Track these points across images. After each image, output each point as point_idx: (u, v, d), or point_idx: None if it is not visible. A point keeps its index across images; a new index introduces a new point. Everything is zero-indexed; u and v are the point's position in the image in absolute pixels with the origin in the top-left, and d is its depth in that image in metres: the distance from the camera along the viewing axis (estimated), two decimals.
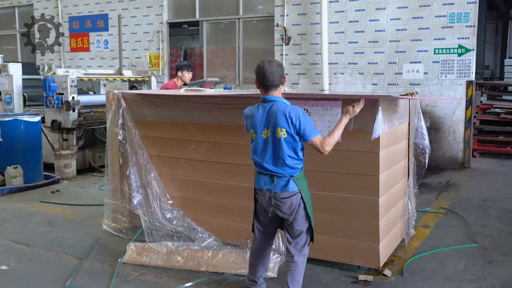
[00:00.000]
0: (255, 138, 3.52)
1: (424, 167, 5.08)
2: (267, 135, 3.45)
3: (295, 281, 3.51)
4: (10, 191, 7.06)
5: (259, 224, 3.71)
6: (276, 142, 3.42)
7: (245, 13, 10.88)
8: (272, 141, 3.44)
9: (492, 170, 8.79)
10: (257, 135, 3.50)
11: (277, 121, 3.39)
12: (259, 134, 3.48)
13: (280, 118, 3.38)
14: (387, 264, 4.40)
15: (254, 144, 3.54)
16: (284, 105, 3.45)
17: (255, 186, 3.61)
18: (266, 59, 3.50)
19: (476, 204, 6.48)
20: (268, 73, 3.42)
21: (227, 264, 4.30)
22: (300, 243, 3.57)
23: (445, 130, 8.85)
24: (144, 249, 4.57)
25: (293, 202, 3.48)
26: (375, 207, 4.11)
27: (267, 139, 3.45)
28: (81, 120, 8.42)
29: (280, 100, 3.48)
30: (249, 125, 3.57)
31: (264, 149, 3.48)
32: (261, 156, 3.50)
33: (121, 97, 5.12)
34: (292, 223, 3.53)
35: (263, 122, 3.46)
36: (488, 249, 4.84)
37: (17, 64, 9.28)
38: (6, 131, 7.26)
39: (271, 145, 3.44)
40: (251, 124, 3.54)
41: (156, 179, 4.98)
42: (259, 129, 3.48)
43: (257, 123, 3.48)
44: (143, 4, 11.82)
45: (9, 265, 4.50)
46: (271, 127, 3.43)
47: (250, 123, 3.56)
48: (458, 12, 8.51)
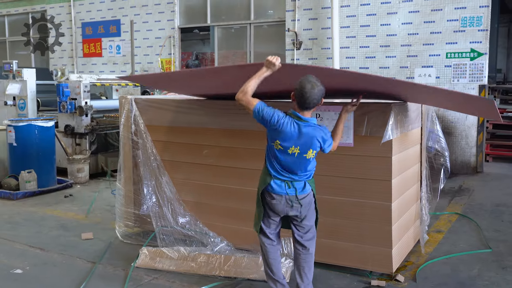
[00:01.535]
0: (278, 148, 3.53)
1: (447, 170, 5.01)
2: (294, 152, 3.51)
3: (311, 271, 3.77)
4: (24, 195, 7.13)
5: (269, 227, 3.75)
6: (302, 159, 3.55)
7: (256, 18, 10.92)
8: (298, 157, 3.53)
9: (505, 174, 8.71)
10: (282, 148, 3.52)
11: (312, 145, 3.53)
12: (286, 148, 3.51)
13: (314, 142, 3.53)
14: (400, 269, 4.38)
15: (276, 153, 3.55)
16: (318, 128, 3.55)
17: (269, 190, 3.61)
18: (309, 79, 3.43)
19: (489, 209, 6.43)
20: (308, 95, 3.41)
21: (239, 268, 4.31)
22: (311, 235, 3.76)
23: (458, 135, 8.79)
24: (156, 254, 4.59)
25: (308, 201, 3.68)
26: (387, 212, 4.10)
27: (293, 154, 3.52)
28: (94, 125, 8.49)
29: (312, 121, 3.55)
30: (275, 134, 3.52)
31: (286, 161, 3.54)
32: (283, 165, 3.56)
33: (133, 102, 5.17)
34: (304, 219, 3.69)
35: (294, 140, 3.49)
36: (502, 254, 4.80)
37: (31, 69, 9.39)
38: (20, 136, 7.34)
39: (296, 160, 3.54)
40: (278, 134, 3.51)
41: (168, 184, 5.00)
42: (287, 144, 3.50)
43: (286, 138, 3.49)
44: (155, 9, 11.91)
45: (24, 268, 4.55)
46: (302, 147, 3.50)
47: (278, 133, 3.50)
48: (471, 16, 8.47)
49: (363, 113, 4.09)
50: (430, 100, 4.63)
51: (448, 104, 4.99)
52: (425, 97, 4.49)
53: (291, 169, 3.57)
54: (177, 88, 5.42)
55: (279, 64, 3.49)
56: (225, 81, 4.23)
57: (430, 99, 4.54)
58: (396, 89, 4.02)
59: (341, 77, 4.08)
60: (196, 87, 4.78)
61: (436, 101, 4.71)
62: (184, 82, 4.75)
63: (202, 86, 4.68)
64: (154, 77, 5.62)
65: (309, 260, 3.75)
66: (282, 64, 3.52)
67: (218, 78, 4.37)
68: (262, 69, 3.49)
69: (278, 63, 3.48)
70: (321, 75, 3.53)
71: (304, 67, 3.97)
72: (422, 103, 4.77)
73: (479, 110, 5.11)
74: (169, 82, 5.35)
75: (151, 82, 6.11)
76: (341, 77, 4.08)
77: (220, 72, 4.37)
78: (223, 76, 4.27)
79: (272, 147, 3.57)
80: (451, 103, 4.81)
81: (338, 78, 4.03)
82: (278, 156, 3.54)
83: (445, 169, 5.03)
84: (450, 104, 4.94)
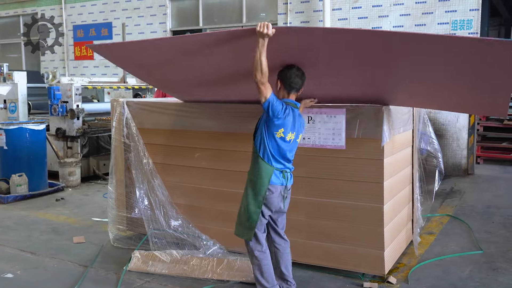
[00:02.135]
0: (280, 136, 3.56)
1: (441, 172, 5.05)
2: (291, 138, 3.62)
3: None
4: (15, 199, 7.08)
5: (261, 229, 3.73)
6: (294, 145, 3.69)
7: (248, 21, 10.94)
8: (293, 143, 3.66)
9: (496, 176, 8.78)
10: (284, 135, 3.57)
11: (301, 128, 3.71)
12: (285, 135, 3.58)
13: (303, 126, 3.74)
14: (392, 271, 4.39)
15: (277, 142, 3.57)
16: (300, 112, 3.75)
17: (278, 183, 3.62)
18: (290, 64, 3.59)
19: (480, 211, 6.47)
20: (296, 73, 3.58)
21: (232, 271, 4.31)
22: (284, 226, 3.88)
23: (449, 137, 8.85)
24: (149, 257, 4.58)
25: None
26: (379, 214, 4.11)
27: (289, 141, 3.61)
28: (86, 128, 8.46)
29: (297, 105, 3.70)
30: (280, 124, 3.53)
31: (284, 149, 3.62)
32: (282, 154, 3.62)
33: (125, 105, 5.15)
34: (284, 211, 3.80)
35: (291, 126, 3.59)
36: (493, 256, 4.83)
37: (22, 72, 9.32)
38: (11, 139, 7.30)
39: (291, 147, 3.66)
40: (282, 124, 3.54)
41: (160, 187, 4.99)
42: (287, 130, 3.58)
43: (289, 126, 3.58)
44: (147, 12, 11.90)
45: (15, 273, 4.51)
46: (295, 132, 3.63)
47: (282, 122, 3.54)
48: (461, 19, 8.54)
49: (354, 116, 4.11)
50: (416, 101, 4.44)
51: (440, 100, 4.38)
52: (413, 99, 4.34)
53: (286, 157, 3.64)
54: (158, 76, 4.61)
55: (272, 31, 3.21)
56: (214, 64, 3.93)
57: (415, 100, 4.37)
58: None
59: (345, 35, 3.43)
60: (181, 72, 4.26)
61: (421, 101, 4.44)
62: (165, 63, 4.13)
63: (187, 72, 4.20)
64: (124, 47, 4.39)
65: (289, 251, 3.85)
66: (275, 29, 3.23)
67: (206, 58, 3.87)
68: (259, 41, 3.24)
69: (271, 31, 3.20)
70: (318, 40, 3.41)
71: (297, 29, 3.53)
72: (409, 105, 4.66)
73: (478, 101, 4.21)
74: (146, 64, 4.36)
75: (121, 60, 4.54)
76: (345, 35, 3.43)
77: (207, 42, 3.64)
78: (211, 56, 3.81)
79: (273, 136, 3.56)
80: (439, 98, 4.26)
81: (343, 35, 3.42)
82: (279, 145, 3.58)
83: (439, 171, 5.06)
84: (440, 99, 4.30)
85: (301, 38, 3.41)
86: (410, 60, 3.44)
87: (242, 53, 3.57)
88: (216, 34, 3.51)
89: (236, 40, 3.50)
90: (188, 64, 4.05)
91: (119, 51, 4.40)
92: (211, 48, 3.66)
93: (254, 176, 3.66)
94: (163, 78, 4.62)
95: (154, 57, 4.10)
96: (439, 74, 3.60)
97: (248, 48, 3.39)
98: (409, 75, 3.72)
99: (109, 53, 4.47)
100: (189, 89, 4.70)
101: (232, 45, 3.54)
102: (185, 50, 3.83)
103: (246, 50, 3.45)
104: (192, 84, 4.53)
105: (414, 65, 3.50)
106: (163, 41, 4.37)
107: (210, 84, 4.37)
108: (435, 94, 4.09)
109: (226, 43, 3.53)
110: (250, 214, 3.65)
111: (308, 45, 3.44)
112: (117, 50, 4.42)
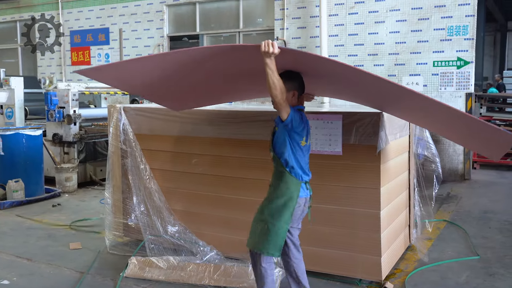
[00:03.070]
0: (303, 145, 3.49)
1: (439, 177, 5.06)
2: (308, 144, 3.56)
3: None
4: (11, 204, 7.06)
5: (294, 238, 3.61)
6: (309, 149, 3.60)
7: (245, 27, 10.97)
8: (309, 148, 3.59)
9: (492, 182, 8.80)
10: (306, 143, 3.52)
11: (310, 130, 3.61)
12: (306, 142, 3.53)
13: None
14: (389, 277, 4.39)
15: (301, 151, 3.48)
16: None
17: (304, 195, 3.51)
18: (293, 71, 3.53)
19: (477, 216, 6.49)
20: (302, 78, 3.54)
21: (229, 278, 4.30)
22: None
23: (445, 142, 8.87)
24: (145, 263, 4.57)
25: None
26: (376, 220, 4.11)
27: (308, 147, 3.56)
28: (82, 134, 8.45)
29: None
30: (303, 133, 3.48)
31: (306, 156, 3.55)
32: (306, 162, 3.55)
33: (122, 111, 5.16)
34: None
35: (306, 131, 3.53)
36: (489, 261, 4.84)
37: (18, 78, 9.33)
38: (7, 145, 7.28)
39: (308, 152, 3.58)
40: (303, 132, 3.48)
41: (157, 192, 4.99)
42: (307, 137, 3.54)
43: (307, 131, 3.53)
44: (144, 18, 11.91)
45: (11, 279, 4.49)
46: (309, 135, 3.58)
47: (303, 131, 3.48)
48: (457, 25, 8.58)
49: (351, 122, 4.12)
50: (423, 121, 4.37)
51: (446, 130, 4.39)
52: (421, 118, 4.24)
53: (307, 164, 3.57)
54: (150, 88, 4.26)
55: (277, 50, 3.12)
56: (207, 72, 3.75)
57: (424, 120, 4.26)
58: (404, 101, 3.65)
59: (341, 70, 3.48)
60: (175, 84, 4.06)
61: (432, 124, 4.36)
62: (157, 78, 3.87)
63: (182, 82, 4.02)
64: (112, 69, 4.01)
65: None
66: (280, 48, 3.15)
67: (202, 68, 3.69)
68: (266, 61, 3.14)
69: (277, 49, 3.11)
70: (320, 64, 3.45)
71: (303, 53, 3.42)
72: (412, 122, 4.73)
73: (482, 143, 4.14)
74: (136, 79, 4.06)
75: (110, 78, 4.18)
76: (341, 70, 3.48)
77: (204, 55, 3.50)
78: (205, 63, 3.59)
79: (298, 146, 3.46)
80: (450, 130, 4.26)
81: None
82: (304, 154, 3.51)
83: (437, 175, 5.08)
84: (448, 131, 4.34)
85: (302, 58, 3.43)
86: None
87: (240, 60, 3.53)
88: (215, 48, 3.34)
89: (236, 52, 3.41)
90: (183, 76, 3.87)
91: (108, 72, 4.03)
92: (209, 60, 3.51)
93: (281, 193, 3.46)
94: (159, 90, 4.28)
95: (147, 74, 3.84)
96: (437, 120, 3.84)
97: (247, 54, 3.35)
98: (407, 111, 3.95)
99: (99, 75, 4.14)
100: (183, 98, 4.50)
101: (228, 56, 3.46)
102: (179, 64, 3.63)
103: (243, 57, 3.42)
104: (187, 94, 4.38)
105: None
106: (158, 57, 4.02)
107: (205, 91, 4.31)
108: (433, 122, 4.20)
109: (224, 55, 3.43)
110: (278, 231, 3.44)
111: (308, 63, 3.47)
112: (107, 71, 4.03)
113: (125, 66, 3.94)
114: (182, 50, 3.35)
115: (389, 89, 3.46)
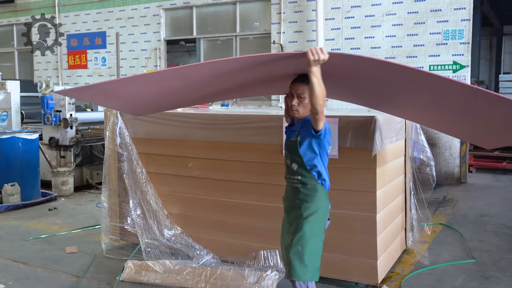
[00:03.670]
0: (329, 152, 3.40)
1: (434, 179, 5.08)
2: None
3: None
4: (7, 208, 7.04)
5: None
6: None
7: (242, 30, 10.99)
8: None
9: (488, 185, 8.83)
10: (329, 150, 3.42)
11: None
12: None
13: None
14: (386, 280, 4.40)
15: (327, 160, 3.38)
16: None
17: (329, 206, 3.44)
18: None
19: (473, 220, 6.50)
20: None
21: (225, 281, 4.29)
22: None
23: (441, 146, 8.90)
24: (142, 267, 4.56)
25: None
26: (372, 224, 4.12)
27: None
28: (79, 137, 8.44)
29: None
30: (329, 140, 3.34)
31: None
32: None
33: (119, 115, 5.15)
34: None
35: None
36: (485, 264, 4.85)
37: (15, 81, 9.32)
38: (3, 148, 7.27)
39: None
40: (329, 140, 3.34)
41: (154, 196, 4.99)
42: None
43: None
44: (141, 22, 11.93)
45: (7, 283, 4.48)
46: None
47: (329, 138, 3.34)
48: (453, 29, 8.62)
49: (347, 126, 4.13)
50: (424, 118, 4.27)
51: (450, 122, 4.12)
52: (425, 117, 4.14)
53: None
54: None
55: (327, 56, 2.97)
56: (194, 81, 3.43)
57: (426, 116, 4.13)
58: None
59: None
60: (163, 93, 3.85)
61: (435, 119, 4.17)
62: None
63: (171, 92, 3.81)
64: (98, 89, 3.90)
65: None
66: (330, 53, 2.99)
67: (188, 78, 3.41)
68: (313, 69, 2.96)
69: (327, 56, 2.96)
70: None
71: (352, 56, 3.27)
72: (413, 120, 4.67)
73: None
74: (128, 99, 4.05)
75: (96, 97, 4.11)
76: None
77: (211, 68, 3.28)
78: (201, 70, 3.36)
79: (326, 154, 3.35)
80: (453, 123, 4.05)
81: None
82: (328, 161, 3.38)
83: (431, 178, 5.10)
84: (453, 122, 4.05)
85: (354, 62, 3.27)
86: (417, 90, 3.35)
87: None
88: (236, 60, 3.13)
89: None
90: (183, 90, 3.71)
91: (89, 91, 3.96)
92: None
93: (316, 208, 3.29)
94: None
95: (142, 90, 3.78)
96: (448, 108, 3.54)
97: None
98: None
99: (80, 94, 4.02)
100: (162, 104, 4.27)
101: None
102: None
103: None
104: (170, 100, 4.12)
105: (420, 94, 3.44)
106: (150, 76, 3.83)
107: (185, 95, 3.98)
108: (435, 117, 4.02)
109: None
110: (314, 250, 3.29)
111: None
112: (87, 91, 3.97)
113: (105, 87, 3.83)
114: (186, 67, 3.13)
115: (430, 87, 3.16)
